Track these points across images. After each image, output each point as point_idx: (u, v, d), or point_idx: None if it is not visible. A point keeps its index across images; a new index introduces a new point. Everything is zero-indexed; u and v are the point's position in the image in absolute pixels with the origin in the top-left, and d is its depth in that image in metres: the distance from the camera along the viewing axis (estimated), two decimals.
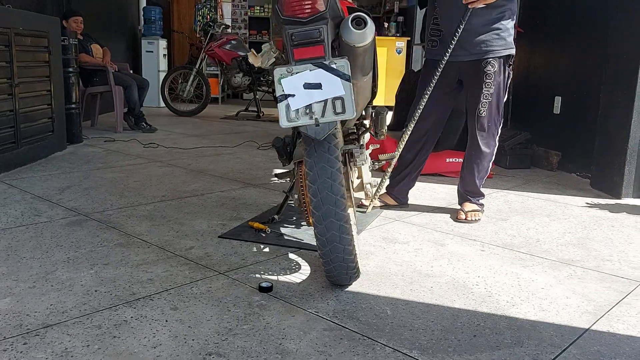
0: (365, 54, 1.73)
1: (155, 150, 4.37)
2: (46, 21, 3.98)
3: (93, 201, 2.78)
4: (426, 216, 2.75)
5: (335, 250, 1.68)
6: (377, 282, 1.90)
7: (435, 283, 1.91)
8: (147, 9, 7.78)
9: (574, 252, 2.28)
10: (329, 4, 1.58)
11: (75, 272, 1.87)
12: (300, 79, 1.60)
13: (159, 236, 2.28)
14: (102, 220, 2.47)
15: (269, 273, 1.93)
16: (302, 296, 1.76)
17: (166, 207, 2.73)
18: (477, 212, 2.68)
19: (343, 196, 1.65)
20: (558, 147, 4.04)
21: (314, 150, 1.64)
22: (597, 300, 1.82)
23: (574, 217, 2.81)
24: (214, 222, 2.50)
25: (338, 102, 1.60)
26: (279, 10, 1.59)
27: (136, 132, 5.33)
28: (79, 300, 1.66)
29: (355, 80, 1.73)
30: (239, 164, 3.93)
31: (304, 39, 1.59)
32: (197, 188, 3.15)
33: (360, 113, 2.11)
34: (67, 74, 4.37)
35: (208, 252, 2.12)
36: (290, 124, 1.62)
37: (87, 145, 4.50)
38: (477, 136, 2.62)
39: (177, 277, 1.86)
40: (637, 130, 3.18)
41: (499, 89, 2.54)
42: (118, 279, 1.83)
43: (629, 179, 3.24)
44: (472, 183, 2.71)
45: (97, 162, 3.78)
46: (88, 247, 2.12)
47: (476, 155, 2.66)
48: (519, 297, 1.82)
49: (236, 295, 1.74)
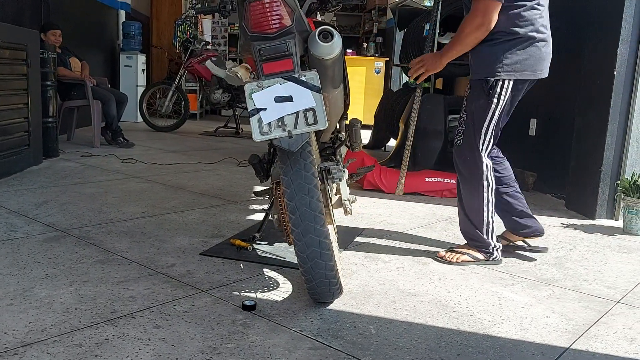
0: (334, 66, 1.76)
1: (133, 165, 4.33)
2: (25, 34, 3.94)
3: (71, 217, 2.73)
4: (407, 235, 2.78)
5: (316, 266, 1.68)
6: (360, 300, 1.91)
7: (418, 302, 1.92)
8: (127, 24, 7.75)
9: (552, 271, 2.32)
10: (295, 19, 1.62)
11: (54, 290, 1.83)
12: (271, 93, 1.63)
13: (140, 253, 2.25)
14: (81, 236, 2.43)
15: (252, 291, 1.92)
16: (286, 314, 1.75)
17: (146, 223, 2.70)
18: (459, 256, 2.36)
19: (321, 212, 1.66)
20: (534, 168, 4.12)
21: (291, 167, 1.66)
22: (575, 319, 1.85)
23: (551, 238, 2.86)
24: (195, 239, 2.48)
25: (310, 114, 1.63)
26: (245, 27, 1.63)
27: (113, 147, 5.27)
28: (59, 318, 1.63)
29: (327, 93, 1.77)
30: (219, 180, 3.91)
31: (273, 54, 1.63)
32: (177, 204, 3.12)
33: (334, 125, 2.14)
34: (45, 87, 4.32)
35: (190, 269, 2.10)
36: (264, 137, 1.64)
37: (64, 159, 4.44)
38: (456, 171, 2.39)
39: (159, 295, 1.84)
40: (610, 153, 3.27)
41: (473, 117, 2.26)
42: (98, 297, 1.80)
43: (602, 200, 3.31)
44: (465, 223, 2.39)
45: (74, 177, 3.72)
46: (67, 264, 2.08)
47: (461, 192, 2.39)
48: (500, 316, 1.84)
49: (220, 313, 1.73)
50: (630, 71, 3.22)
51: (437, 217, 3.19)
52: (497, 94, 2.19)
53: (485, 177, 2.29)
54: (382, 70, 8.29)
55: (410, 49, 5.26)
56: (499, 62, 2.16)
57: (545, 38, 2.19)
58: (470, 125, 2.29)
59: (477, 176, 2.29)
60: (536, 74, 2.21)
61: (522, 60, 2.16)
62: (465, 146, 2.31)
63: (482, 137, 2.27)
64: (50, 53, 4.36)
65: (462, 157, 2.32)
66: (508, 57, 2.15)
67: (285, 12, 1.60)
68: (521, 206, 2.47)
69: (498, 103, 2.21)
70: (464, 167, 2.32)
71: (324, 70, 1.71)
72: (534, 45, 2.16)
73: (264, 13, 1.59)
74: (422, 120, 4.45)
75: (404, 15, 5.87)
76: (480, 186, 2.29)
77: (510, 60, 2.15)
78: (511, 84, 2.18)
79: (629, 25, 3.17)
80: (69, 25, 5.97)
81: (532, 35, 2.14)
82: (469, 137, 2.29)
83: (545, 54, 2.20)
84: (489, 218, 2.32)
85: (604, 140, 3.26)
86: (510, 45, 2.14)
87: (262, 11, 1.59)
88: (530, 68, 2.18)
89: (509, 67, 2.16)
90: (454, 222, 3.10)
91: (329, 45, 1.65)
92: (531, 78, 2.21)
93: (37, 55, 4.11)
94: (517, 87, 2.22)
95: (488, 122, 2.25)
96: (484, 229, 2.33)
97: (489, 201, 2.31)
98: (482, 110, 2.24)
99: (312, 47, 1.67)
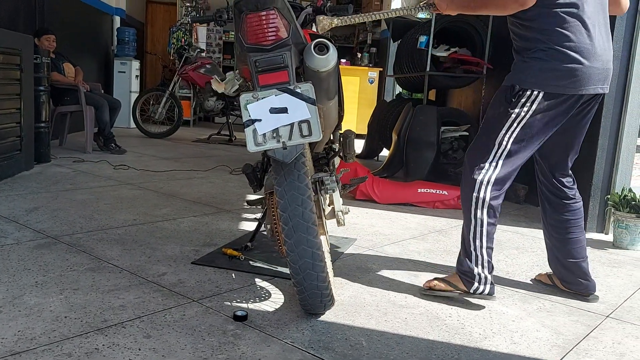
0: (330, 78, 1.78)
1: (125, 172, 4.32)
2: (19, 39, 3.93)
3: (62, 223, 2.72)
4: (398, 246, 2.78)
5: (308, 277, 1.69)
6: (352, 312, 1.91)
7: (409, 314, 1.93)
8: (122, 30, 7.75)
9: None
10: (291, 31, 1.63)
11: (44, 297, 1.82)
12: (266, 104, 1.64)
13: (131, 261, 2.24)
14: (72, 243, 2.42)
15: (243, 301, 1.92)
16: (277, 325, 1.75)
17: (138, 231, 2.69)
18: (440, 285, 2.08)
19: (314, 223, 1.67)
20: (525, 180, 4.14)
21: (284, 178, 1.67)
22: (565, 333, 1.86)
23: (542, 251, 2.87)
24: (187, 248, 2.47)
25: (304, 125, 1.64)
26: (242, 39, 1.64)
27: (105, 153, 5.25)
28: (48, 326, 1.62)
29: (321, 105, 1.78)
30: (211, 188, 3.91)
31: (268, 65, 1.64)
32: (169, 212, 3.11)
33: (328, 137, 2.16)
34: (38, 93, 4.30)
35: (181, 278, 2.09)
36: (258, 148, 1.64)
37: (56, 165, 4.41)
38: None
39: (149, 304, 1.83)
40: (600, 167, 3.30)
41: (488, 125, 2.00)
42: (89, 305, 1.79)
43: (592, 214, 3.34)
44: (461, 247, 2.07)
45: (65, 183, 3.70)
46: (57, 271, 2.07)
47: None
48: (490, 330, 1.85)
49: (210, 323, 1.72)
50: (620, 86, 3.26)
51: (429, 229, 3.20)
52: (521, 104, 1.91)
53: (477, 201, 1.98)
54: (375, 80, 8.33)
55: (404, 60, 5.29)
56: (531, 70, 1.91)
57: (592, 50, 1.89)
58: (483, 132, 2.02)
59: (468, 194, 2.00)
60: (575, 90, 1.89)
61: (558, 74, 1.87)
62: (469, 155, 2.04)
63: (493, 151, 1.96)
64: (44, 58, 4.34)
65: (464, 166, 2.07)
66: (542, 67, 1.88)
67: (282, 25, 1.62)
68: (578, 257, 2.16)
69: (519, 114, 1.91)
70: (464, 178, 2.04)
71: (319, 82, 1.72)
72: (575, 57, 1.87)
73: (260, 25, 1.60)
74: (414, 131, 4.47)
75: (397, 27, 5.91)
76: (469, 211, 2.00)
77: (544, 71, 1.89)
78: (540, 96, 1.89)
79: (619, 42, 3.21)
80: (64, 31, 5.96)
81: (573, 46, 1.86)
82: (476, 147, 2.03)
83: (588, 69, 1.88)
84: (478, 249, 1.99)
85: (595, 155, 3.29)
86: (545, 55, 1.88)
87: (259, 23, 1.60)
88: (567, 82, 1.88)
89: (541, 77, 1.88)
90: (445, 233, 3.11)
91: (324, 57, 1.66)
92: (567, 93, 1.89)
93: (31, 60, 4.09)
94: (549, 102, 1.90)
95: (503, 133, 1.94)
96: (473, 259, 2.01)
97: (480, 233, 1.99)
98: (500, 119, 1.96)
99: (307, 59, 1.68)
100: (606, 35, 1.97)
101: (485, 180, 1.97)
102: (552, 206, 2.19)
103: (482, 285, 2.00)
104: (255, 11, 1.60)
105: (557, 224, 2.18)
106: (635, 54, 3.22)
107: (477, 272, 2.00)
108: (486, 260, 2.00)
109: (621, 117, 3.28)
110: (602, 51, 1.92)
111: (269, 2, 1.60)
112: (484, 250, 2.00)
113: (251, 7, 1.60)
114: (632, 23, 3.22)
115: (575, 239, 2.17)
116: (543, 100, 1.90)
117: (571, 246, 2.17)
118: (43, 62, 4.33)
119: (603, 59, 1.93)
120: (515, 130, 1.94)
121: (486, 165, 1.97)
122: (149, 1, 10.58)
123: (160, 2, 10.58)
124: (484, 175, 1.97)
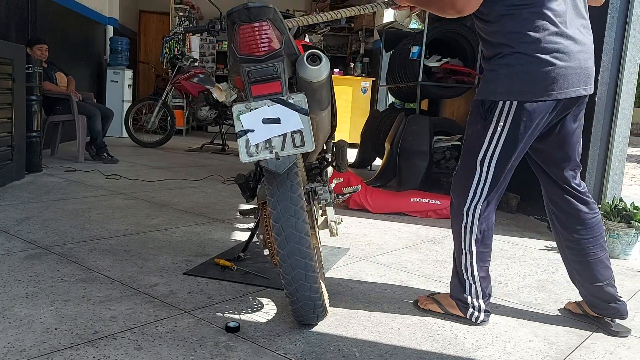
0: (322, 89, 1.78)
1: (117, 181, 4.30)
2: (11, 48, 3.92)
3: (53, 233, 2.70)
4: (391, 255, 2.78)
5: (301, 288, 1.68)
6: (344, 322, 1.90)
7: (402, 324, 1.92)
8: (114, 39, 7.75)
9: (534, 294, 2.34)
10: (284, 42, 1.64)
11: (34, 309, 1.80)
12: (259, 115, 1.64)
13: (123, 272, 2.23)
14: (63, 254, 2.40)
15: (235, 312, 1.91)
16: (269, 337, 1.74)
17: (129, 241, 2.68)
18: (438, 310, 2.02)
19: (307, 234, 1.67)
20: (517, 190, 4.16)
21: (277, 188, 1.66)
22: (558, 343, 1.87)
23: (534, 260, 2.89)
24: (179, 258, 2.46)
25: (297, 136, 1.64)
26: (235, 49, 1.64)
27: (97, 162, 5.23)
28: (38, 338, 1.60)
29: (314, 115, 1.78)
30: (204, 198, 3.90)
31: (261, 76, 1.64)
32: (161, 222, 3.10)
33: (321, 147, 2.16)
34: (30, 102, 4.29)
35: (173, 289, 2.08)
36: (251, 158, 1.64)
37: (47, 174, 4.39)
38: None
39: (141, 315, 1.82)
40: (591, 177, 3.32)
41: (468, 144, 1.89)
42: (79, 317, 1.77)
43: None
44: (454, 273, 2.01)
45: (57, 193, 3.68)
46: (48, 282, 2.05)
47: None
48: (483, 340, 1.85)
49: (202, 335, 1.71)
50: (610, 97, 3.29)
51: (422, 238, 3.20)
52: (496, 118, 1.78)
53: (467, 232, 1.89)
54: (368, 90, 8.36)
55: (397, 71, 5.32)
56: (499, 79, 1.77)
57: (564, 49, 1.73)
58: (464, 155, 1.91)
59: (456, 225, 1.92)
60: (550, 95, 1.74)
61: (528, 79, 1.74)
62: (455, 182, 1.95)
63: (476, 175, 1.85)
64: (36, 67, 4.33)
65: (451, 194, 1.98)
66: (511, 74, 1.75)
67: (274, 36, 1.62)
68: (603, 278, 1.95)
69: (496, 129, 1.79)
70: (453, 199, 1.96)
71: (312, 92, 1.73)
72: (545, 59, 1.72)
73: (253, 36, 1.61)
74: (407, 140, 4.49)
75: (390, 38, 5.95)
76: (459, 242, 1.93)
77: (513, 78, 1.75)
78: (514, 106, 1.76)
79: (609, 53, 3.24)
80: (56, 40, 5.95)
81: (542, 47, 1.72)
82: (460, 171, 1.92)
83: (562, 69, 1.73)
84: (470, 279, 1.93)
85: (585, 165, 3.31)
86: (512, 60, 1.74)
87: (252, 34, 1.61)
88: (540, 87, 1.73)
89: (511, 86, 1.75)
90: (438, 243, 3.12)
91: (317, 68, 1.67)
92: (541, 99, 1.74)
93: (23, 70, 4.08)
94: (525, 111, 1.76)
95: (484, 151, 1.82)
96: (466, 288, 1.95)
97: (471, 264, 1.92)
98: (478, 136, 1.84)
99: (300, 70, 1.68)
100: (584, 31, 1.80)
101: (472, 209, 1.88)
102: (564, 224, 1.98)
103: (476, 311, 1.95)
104: (248, 22, 1.61)
105: (573, 245, 1.96)
106: (624, 64, 3.26)
107: (471, 301, 1.94)
108: (480, 290, 1.93)
109: (611, 127, 3.31)
110: (577, 49, 1.75)
111: (262, 14, 1.60)
112: (477, 280, 1.92)
113: (244, 19, 1.61)
114: (621, 33, 3.26)
115: (596, 260, 1.93)
116: (518, 110, 1.76)
117: (594, 268, 1.94)
118: (35, 71, 4.32)
119: (579, 57, 1.76)
120: (497, 149, 1.81)
121: (470, 194, 1.87)
122: (142, 11, 10.59)
123: (153, 12, 10.60)
124: (470, 204, 1.88)
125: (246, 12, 1.59)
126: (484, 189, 1.86)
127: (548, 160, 1.97)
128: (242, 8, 1.59)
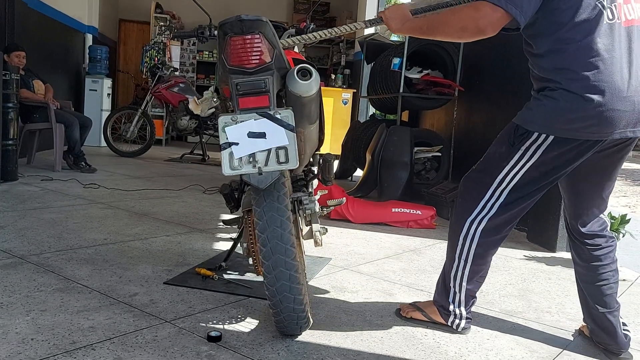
0: (312, 103, 1.78)
1: (96, 190, 4.23)
2: None
3: (29, 243, 2.64)
4: (374, 265, 2.78)
5: (285, 300, 1.66)
6: (327, 332, 1.89)
7: (385, 333, 1.92)
8: (93, 48, 7.67)
9: (515, 303, 2.36)
10: (274, 56, 1.63)
11: (9, 319, 1.76)
12: (245, 128, 1.62)
13: (101, 281, 2.19)
14: (39, 263, 2.35)
15: (217, 322, 1.88)
16: (252, 346, 1.72)
17: (108, 250, 2.63)
18: (421, 317, 2.03)
19: (293, 245, 1.65)
20: None
21: (263, 199, 1.65)
22: (539, 351, 1.88)
23: (514, 269, 2.91)
24: (159, 268, 2.42)
25: (282, 152, 1.62)
26: (224, 60, 1.62)
27: (75, 171, 5.15)
28: (14, 349, 1.56)
29: (302, 129, 1.78)
30: (184, 207, 3.86)
31: (250, 89, 1.63)
32: (140, 231, 3.06)
33: (307, 161, 2.15)
34: (7, 110, 4.21)
35: (153, 299, 2.05)
36: (233, 172, 1.62)
37: (23, 183, 4.31)
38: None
39: (120, 325, 1.78)
40: None
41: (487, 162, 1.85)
42: (57, 327, 1.73)
43: (562, 233, 3.39)
44: (440, 279, 2.01)
45: (33, 202, 3.61)
46: (24, 292, 2.00)
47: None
48: (466, 348, 1.85)
49: (183, 344, 1.69)
50: None
51: (404, 248, 3.21)
52: (525, 147, 1.71)
53: (465, 243, 1.86)
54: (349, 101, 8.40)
55: (378, 82, 5.36)
56: (540, 110, 1.69)
57: (614, 90, 1.60)
58: (483, 167, 1.86)
59: (456, 232, 1.89)
60: (591, 135, 1.64)
61: (570, 117, 1.63)
62: (464, 185, 1.90)
63: (490, 190, 1.80)
64: (13, 75, 4.26)
65: (457, 198, 1.92)
66: (555, 108, 1.65)
67: (266, 49, 1.60)
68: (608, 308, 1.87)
69: (522, 159, 1.73)
70: (452, 212, 1.93)
71: (301, 107, 1.72)
72: (591, 99, 1.60)
73: (244, 48, 1.59)
74: (388, 151, 4.52)
75: (371, 49, 6.00)
76: (454, 251, 1.90)
77: (555, 112, 1.65)
78: (549, 140, 1.67)
79: None
80: (34, 48, 5.87)
81: (590, 86, 1.60)
82: (473, 179, 1.88)
83: (610, 112, 1.60)
84: (456, 287, 1.92)
85: None
86: (558, 95, 1.64)
87: (243, 46, 1.59)
88: (581, 127, 1.63)
89: (551, 120, 1.65)
90: (420, 252, 3.13)
91: (307, 83, 1.66)
92: (581, 138, 1.65)
93: (0, 77, 4.01)
94: (562, 147, 1.67)
95: (503, 176, 1.77)
96: (450, 296, 1.95)
97: (462, 274, 1.90)
98: (500, 160, 1.78)
99: (290, 84, 1.67)
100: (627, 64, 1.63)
101: (476, 222, 1.82)
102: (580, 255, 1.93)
103: (457, 319, 1.95)
104: (241, 34, 1.59)
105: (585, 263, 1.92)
106: None
107: (453, 309, 1.94)
108: (463, 299, 1.92)
109: None
110: (632, 90, 1.61)
111: (254, 27, 1.58)
112: (463, 291, 1.91)
113: (236, 31, 1.59)
114: None
115: (606, 286, 1.87)
116: (552, 145, 1.68)
117: (601, 292, 1.87)
118: (12, 78, 4.25)
119: (635, 100, 1.62)
120: (516, 178, 1.75)
121: (478, 208, 1.82)
122: (122, 20, 10.51)
123: (134, 21, 10.52)
124: (476, 215, 1.82)
125: (239, 24, 1.57)
126: (493, 208, 1.81)
127: (577, 198, 1.89)
128: (235, 20, 1.57)
